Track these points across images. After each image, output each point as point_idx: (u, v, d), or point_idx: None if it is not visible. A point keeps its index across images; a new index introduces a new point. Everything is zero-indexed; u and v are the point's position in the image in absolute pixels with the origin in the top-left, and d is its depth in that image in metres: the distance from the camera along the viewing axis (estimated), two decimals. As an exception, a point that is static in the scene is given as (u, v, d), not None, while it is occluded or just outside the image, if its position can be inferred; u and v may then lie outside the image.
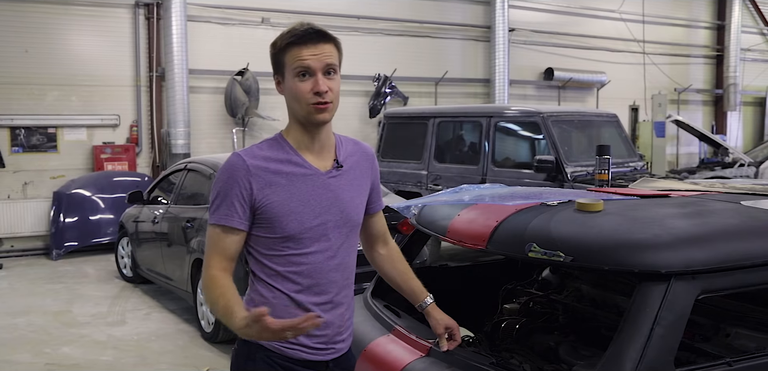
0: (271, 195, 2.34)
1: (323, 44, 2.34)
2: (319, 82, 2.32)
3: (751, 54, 20.83)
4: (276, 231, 2.35)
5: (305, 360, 2.43)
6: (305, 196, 2.38)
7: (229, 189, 2.33)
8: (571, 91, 17.63)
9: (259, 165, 2.35)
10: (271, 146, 2.42)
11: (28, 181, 11.82)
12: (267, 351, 2.40)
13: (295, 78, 2.34)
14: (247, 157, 2.35)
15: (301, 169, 2.40)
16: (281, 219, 2.34)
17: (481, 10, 16.11)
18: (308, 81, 2.33)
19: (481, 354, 2.96)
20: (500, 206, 3.23)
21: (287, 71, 2.36)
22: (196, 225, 7.17)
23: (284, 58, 2.36)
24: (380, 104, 14.03)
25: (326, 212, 2.41)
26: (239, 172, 2.33)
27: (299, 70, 2.33)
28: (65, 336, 7.19)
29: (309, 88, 2.33)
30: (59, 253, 11.13)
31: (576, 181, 8.26)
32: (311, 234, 2.38)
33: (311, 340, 2.42)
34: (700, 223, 2.89)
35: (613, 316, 3.64)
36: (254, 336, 2.16)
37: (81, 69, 12.08)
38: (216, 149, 12.93)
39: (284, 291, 2.39)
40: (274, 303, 2.38)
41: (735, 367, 2.61)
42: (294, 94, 2.35)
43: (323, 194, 2.41)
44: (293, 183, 2.37)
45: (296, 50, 2.33)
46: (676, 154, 19.36)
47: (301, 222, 2.36)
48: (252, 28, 13.38)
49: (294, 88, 2.35)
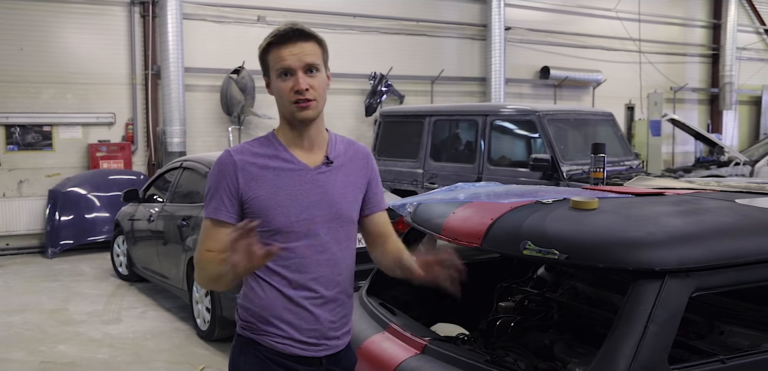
0: (257, 189, 2.39)
1: (303, 43, 2.39)
2: (300, 80, 2.37)
3: (746, 53, 20.85)
4: (263, 224, 2.36)
5: (297, 355, 2.44)
6: (292, 191, 2.41)
7: (218, 184, 2.42)
8: (567, 89, 17.64)
9: (246, 160, 2.42)
10: (261, 143, 2.49)
11: (23, 179, 11.80)
12: (258, 345, 2.44)
13: (277, 78, 2.41)
14: (235, 153, 2.44)
15: (288, 164, 2.44)
16: (268, 213, 2.38)
17: (477, 8, 16.11)
18: (289, 80, 2.39)
19: (476, 352, 2.96)
20: (495, 204, 3.23)
21: (271, 71, 2.43)
22: (192, 224, 7.16)
23: (268, 59, 2.44)
24: (376, 103, 14.02)
25: (314, 207, 2.43)
26: (227, 168, 2.41)
27: (280, 70, 2.39)
28: (61, 335, 7.18)
29: (290, 87, 2.38)
30: (55, 251, 11.11)
31: (572, 179, 8.26)
32: (299, 228, 2.41)
33: (301, 335, 2.44)
34: (694, 221, 2.90)
35: (608, 314, 3.65)
36: (243, 267, 2.15)
37: (76, 67, 12.05)
38: (212, 147, 12.92)
39: (274, 284, 2.42)
40: (264, 297, 2.43)
41: (729, 365, 2.62)
42: (278, 94, 2.43)
43: (311, 189, 2.44)
44: (280, 177, 2.41)
45: (277, 51, 2.39)
46: (671, 153, 19.38)
47: (287, 216, 2.39)
48: (247, 26, 13.37)
49: (277, 87, 2.42)
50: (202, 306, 6.92)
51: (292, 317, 2.42)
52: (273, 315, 2.42)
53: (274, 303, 2.42)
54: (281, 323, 2.42)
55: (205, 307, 6.84)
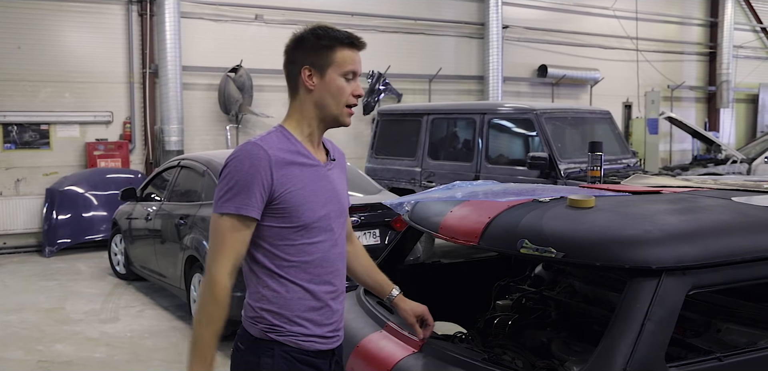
0: (289, 185, 2.37)
1: (361, 53, 2.51)
2: (359, 87, 2.49)
3: (743, 51, 20.89)
4: (292, 220, 2.38)
5: (318, 349, 2.48)
6: (314, 187, 2.44)
7: (251, 178, 2.31)
8: (565, 88, 17.65)
9: (278, 155, 2.36)
10: (278, 138, 2.43)
11: (20, 177, 11.79)
12: (284, 346, 2.42)
13: (340, 77, 2.43)
14: (267, 147, 2.36)
15: (308, 160, 2.45)
16: (298, 209, 2.38)
17: (475, 7, 16.11)
18: (352, 84, 2.46)
19: (474, 351, 2.96)
20: (492, 202, 3.23)
21: (333, 68, 2.43)
22: (190, 222, 7.16)
23: (333, 56, 2.43)
24: (374, 101, 14.02)
25: (329, 202, 2.48)
26: (262, 162, 2.32)
27: (348, 72, 2.44)
28: (58, 334, 7.18)
29: (351, 90, 2.45)
30: (52, 250, 11.11)
31: (569, 177, 8.27)
32: (320, 224, 2.44)
33: (323, 330, 2.48)
34: (691, 219, 2.90)
35: (605, 312, 3.65)
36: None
37: (74, 66, 12.04)
38: (209, 146, 12.91)
39: (297, 281, 2.42)
40: (288, 297, 2.41)
41: (725, 362, 2.62)
42: (335, 92, 2.44)
43: (326, 185, 2.48)
44: (304, 173, 2.42)
45: (349, 53, 2.45)
46: (669, 151, 19.40)
47: (313, 212, 2.42)
48: (245, 24, 13.37)
49: (339, 86, 2.44)
50: (199, 305, 6.91)
51: (315, 314, 2.46)
52: (298, 314, 2.43)
53: (300, 301, 2.43)
54: (305, 321, 2.44)
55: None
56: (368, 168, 10.95)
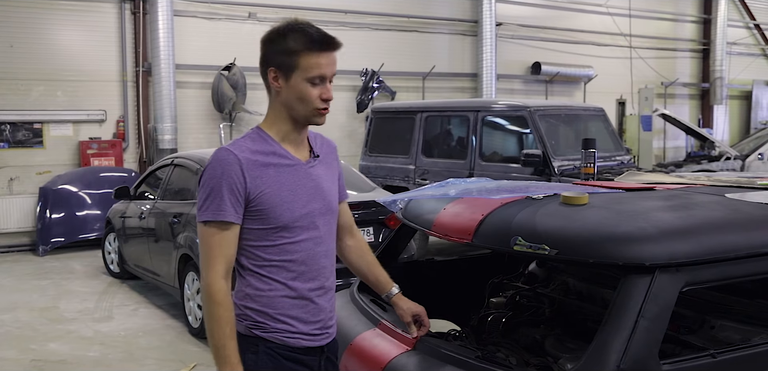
0: (263, 186, 2.37)
1: (333, 52, 2.42)
2: (329, 90, 2.42)
3: (737, 48, 20.92)
4: (270, 221, 2.38)
5: (305, 346, 2.48)
6: (293, 186, 2.43)
7: (222, 184, 2.33)
8: (559, 85, 17.67)
9: (249, 158, 2.37)
10: (253, 140, 2.45)
11: (13, 176, 11.75)
12: (269, 342, 2.44)
13: (305, 81, 2.39)
14: (237, 150, 2.37)
15: (286, 160, 2.45)
16: (275, 209, 2.38)
17: (468, 4, 16.11)
18: (318, 87, 2.40)
19: (468, 348, 2.96)
20: (486, 200, 3.23)
21: (298, 73, 2.38)
22: (183, 221, 7.15)
23: (297, 60, 2.38)
24: (367, 99, 14.00)
25: (312, 201, 2.47)
26: (232, 167, 2.34)
27: (315, 77, 2.38)
28: (52, 333, 7.16)
29: (318, 94, 2.40)
30: (45, 249, 11.07)
31: (563, 174, 8.28)
32: (301, 223, 2.44)
33: (309, 327, 2.48)
34: (684, 216, 2.90)
35: (599, 309, 3.65)
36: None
37: (67, 64, 12.00)
38: (203, 144, 12.88)
39: (280, 279, 2.43)
40: (271, 295, 2.43)
41: (719, 359, 2.63)
42: (301, 96, 2.40)
43: (307, 183, 2.47)
44: (281, 173, 2.42)
45: (315, 57, 2.37)
46: (663, 148, 19.44)
47: (292, 211, 2.41)
48: (239, 22, 13.34)
49: (304, 90, 2.39)
50: (193, 304, 6.91)
51: (299, 311, 2.46)
52: (281, 312, 2.44)
53: (283, 299, 2.44)
54: (289, 318, 2.45)
55: (197, 304, 6.83)
56: (362, 166, 10.95)
